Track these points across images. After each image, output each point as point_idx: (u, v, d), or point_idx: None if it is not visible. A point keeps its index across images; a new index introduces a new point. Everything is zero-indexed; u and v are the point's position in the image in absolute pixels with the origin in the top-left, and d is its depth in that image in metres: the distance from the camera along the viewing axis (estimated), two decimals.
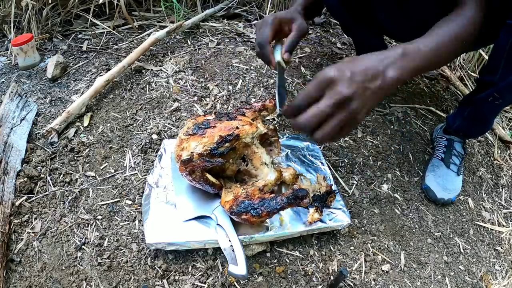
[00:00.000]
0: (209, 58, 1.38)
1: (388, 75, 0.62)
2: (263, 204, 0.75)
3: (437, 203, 1.05)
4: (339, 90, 0.58)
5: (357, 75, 0.59)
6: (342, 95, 0.57)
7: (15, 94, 1.16)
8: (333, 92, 0.58)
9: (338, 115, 0.59)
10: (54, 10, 1.50)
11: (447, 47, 0.72)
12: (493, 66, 0.85)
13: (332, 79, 0.58)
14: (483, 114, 0.97)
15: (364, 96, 0.59)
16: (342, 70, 0.59)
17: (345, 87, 0.58)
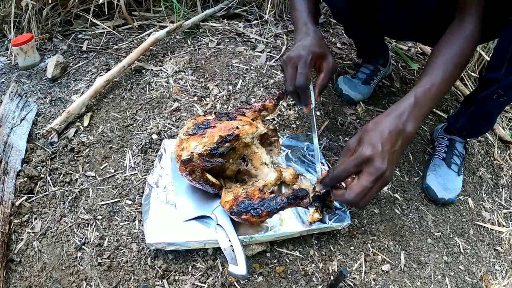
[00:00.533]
0: (209, 58, 1.38)
1: (408, 130, 0.69)
2: (263, 204, 0.75)
3: (438, 203, 1.05)
4: (377, 167, 0.65)
5: (386, 144, 0.67)
6: (380, 171, 0.65)
7: (15, 94, 1.16)
8: (372, 169, 0.65)
9: (377, 186, 0.66)
10: (54, 10, 1.50)
11: (451, 77, 0.77)
12: (496, 63, 0.85)
13: (370, 157, 0.65)
14: (487, 112, 0.97)
15: (393, 160, 0.68)
16: (375, 145, 0.66)
17: (380, 163, 0.65)
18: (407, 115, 0.70)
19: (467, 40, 0.78)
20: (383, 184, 0.67)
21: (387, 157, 0.66)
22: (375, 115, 1.25)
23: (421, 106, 0.72)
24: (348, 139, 1.15)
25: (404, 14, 0.95)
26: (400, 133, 0.69)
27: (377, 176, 0.65)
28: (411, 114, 0.70)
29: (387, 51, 1.34)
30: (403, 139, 0.69)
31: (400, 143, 0.69)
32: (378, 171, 0.65)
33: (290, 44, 1.51)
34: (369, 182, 0.65)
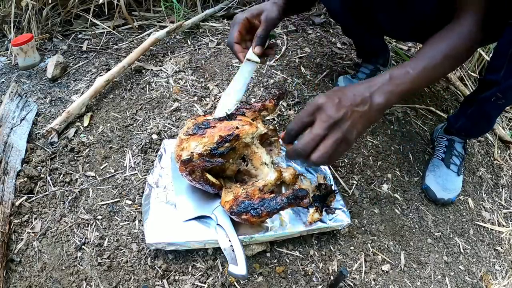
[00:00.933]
0: (209, 58, 1.38)
1: (375, 101, 0.67)
2: (263, 204, 0.75)
3: (437, 203, 1.05)
4: (328, 113, 0.63)
5: (345, 100, 0.64)
6: (332, 118, 0.63)
7: (15, 94, 1.16)
8: (324, 116, 0.63)
9: (331, 136, 0.63)
10: (54, 10, 1.50)
11: (439, 66, 0.74)
12: (495, 65, 0.85)
13: (321, 105, 0.64)
14: (486, 114, 0.97)
15: (353, 118, 0.64)
16: (330, 97, 0.64)
17: (333, 111, 0.63)
18: (377, 87, 0.67)
19: (461, 37, 0.76)
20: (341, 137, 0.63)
21: (343, 109, 0.63)
22: None
23: (396, 84, 0.69)
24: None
25: (402, 15, 0.95)
26: (365, 100, 0.66)
27: (330, 123, 0.62)
28: (382, 88, 0.68)
29: (387, 51, 1.34)
30: (369, 108, 0.66)
31: (363, 109, 0.65)
32: (330, 117, 0.62)
33: (290, 44, 1.52)
34: (321, 129, 0.62)
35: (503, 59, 0.83)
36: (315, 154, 0.64)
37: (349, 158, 1.10)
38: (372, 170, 1.09)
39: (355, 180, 1.05)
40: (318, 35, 1.62)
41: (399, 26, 1.02)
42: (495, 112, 0.97)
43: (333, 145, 0.63)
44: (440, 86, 1.47)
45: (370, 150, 1.14)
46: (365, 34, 1.19)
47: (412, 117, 1.28)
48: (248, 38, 0.92)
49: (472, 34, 0.77)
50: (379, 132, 1.20)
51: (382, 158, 1.12)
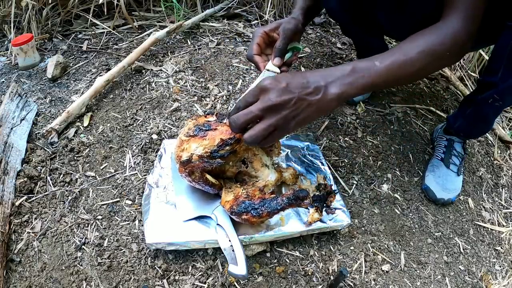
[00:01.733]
0: (209, 58, 1.38)
1: (330, 91, 0.64)
2: (263, 204, 0.75)
3: (437, 203, 1.05)
4: (269, 97, 0.62)
5: (293, 86, 0.63)
6: (271, 101, 0.62)
7: (15, 94, 1.16)
8: (264, 98, 0.63)
9: (265, 120, 0.63)
10: (54, 10, 1.50)
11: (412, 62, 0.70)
12: (493, 68, 0.85)
13: (266, 87, 0.63)
14: (484, 115, 0.97)
15: (298, 107, 0.63)
16: (278, 81, 0.63)
17: (275, 95, 0.62)
18: (335, 78, 0.65)
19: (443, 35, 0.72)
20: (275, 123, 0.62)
21: (287, 96, 0.61)
22: (375, 114, 1.25)
23: (357, 76, 0.66)
24: (348, 139, 1.15)
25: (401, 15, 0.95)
26: (318, 89, 0.63)
27: (267, 106, 0.61)
28: (341, 79, 0.65)
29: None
30: (321, 97, 0.63)
31: (314, 98, 0.63)
32: (269, 101, 0.61)
33: None
34: (257, 109, 0.62)
35: (500, 62, 0.82)
36: (247, 133, 0.65)
37: (349, 158, 1.10)
38: (372, 170, 1.09)
39: (355, 180, 1.05)
40: (318, 35, 1.62)
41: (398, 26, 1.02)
42: (493, 114, 0.97)
43: (266, 128, 0.63)
44: (440, 86, 1.47)
45: (370, 150, 1.14)
46: (365, 34, 1.19)
47: (412, 117, 1.28)
48: (268, 52, 0.92)
49: (457, 34, 0.72)
50: (379, 132, 1.20)
51: (382, 158, 1.12)
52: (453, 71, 1.57)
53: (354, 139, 1.16)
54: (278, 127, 0.64)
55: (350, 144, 1.14)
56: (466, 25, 0.73)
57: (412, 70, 0.71)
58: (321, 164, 1.00)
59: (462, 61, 1.59)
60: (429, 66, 0.74)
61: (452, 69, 1.58)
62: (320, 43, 1.56)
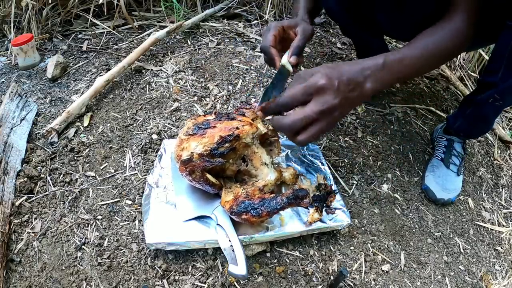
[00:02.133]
0: (209, 58, 1.38)
1: (366, 87, 0.65)
2: (263, 204, 0.75)
3: (437, 203, 1.05)
4: (328, 99, 0.60)
5: (342, 85, 0.62)
6: (331, 104, 0.60)
7: (15, 94, 1.16)
8: (322, 100, 0.61)
9: (322, 122, 0.62)
10: (54, 10, 1.50)
11: (430, 58, 0.74)
12: (493, 67, 0.85)
13: (322, 87, 0.61)
14: (484, 115, 0.97)
15: (345, 105, 0.63)
16: (331, 79, 0.61)
17: (333, 97, 0.61)
18: (370, 72, 0.66)
19: (452, 33, 0.76)
20: (330, 121, 0.62)
21: (340, 96, 0.61)
22: (375, 114, 1.25)
23: (388, 71, 0.68)
24: (348, 139, 1.15)
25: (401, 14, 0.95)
26: (358, 86, 0.64)
27: (325, 109, 0.60)
28: (374, 74, 0.66)
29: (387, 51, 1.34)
30: (359, 93, 0.64)
31: (354, 94, 0.64)
32: (327, 104, 0.60)
33: None
34: (314, 112, 0.61)
35: (500, 61, 0.83)
36: (302, 135, 0.62)
37: (349, 158, 1.10)
38: (372, 170, 1.09)
39: (355, 180, 1.05)
40: (318, 35, 1.62)
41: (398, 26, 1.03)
42: (493, 114, 0.97)
43: (320, 131, 0.62)
44: (440, 86, 1.47)
45: (370, 150, 1.14)
46: (364, 34, 1.19)
47: (412, 117, 1.28)
48: (279, 47, 0.89)
49: (461, 32, 0.76)
50: (379, 132, 1.20)
51: (382, 158, 1.12)
52: (453, 71, 1.57)
53: (354, 139, 1.16)
54: (328, 128, 0.63)
55: (350, 144, 1.14)
56: (469, 24, 0.76)
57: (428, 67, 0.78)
58: (321, 164, 1.00)
59: (462, 61, 1.59)
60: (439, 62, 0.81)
61: (452, 69, 1.58)
62: (320, 43, 1.56)
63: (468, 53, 1.56)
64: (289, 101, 0.64)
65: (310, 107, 0.61)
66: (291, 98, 0.63)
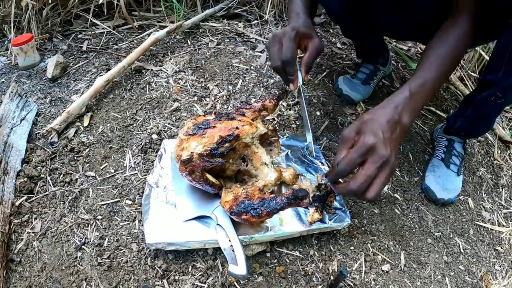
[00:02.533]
0: (209, 58, 1.38)
1: (404, 121, 0.70)
2: (263, 204, 0.75)
3: (437, 203, 1.05)
4: (381, 154, 0.65)
5: (386, 132, 0.67)
6: (384, 158, 0.65)
7: (15, 94, 1.16)
8: (376, 157, 0.65)
9: (383, 174, 0.65)
10: (54, 10, 1.50)
11: (447, 70, 0.79)
12: (495, 65, 0.85)
13: (373, 146, 0.65)
14: (485, 114, 0.97)
15: (395, 147, 0.68)
16: (377, 133, 0.66)
17: (384, 150, 0.65)
18: (402, 107, 0.71)
19: (460, 38, 0.79)
20: (389, 171, 0.66)
21: (389, 144, 0.66)
22: None
23: (416, 99, 0.73)
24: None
25: (402, 14, 0.95)
26: (397, 123, 0.69)
27: (381, 163, 0.65)
28: (406, 106, 0.71)
29: (387, 51, 1.34)
30: (400, 129, 0.70)
31: (397, 132, 0.69)
32: (382, 158, 0.64)
33: None
34: (373, 170, 0.65)
35: (502, 59, 0.83)
36: (370, 192, 0.65)
37: None
38: None
39: None
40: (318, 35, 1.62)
41: (399, 26, 1.02)
42: (494, 112, 0.97)
43: (386, 181, 0.66)
44: None
45: None
46: (365, 35, 1.19)
47: None
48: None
49: (469, 34, 0.80)
50: None
51: None
52: None
53: None
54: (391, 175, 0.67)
55: None
56: (473, 26, 0.80)
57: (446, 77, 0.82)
58: (321, 164, 1.00)
59: (462, 61, 1.58)
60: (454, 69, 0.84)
61: None
62: None
63: (468, 53, 1.56)
64: (348, 168, 0.67)
65: (369, 167, 0.65)
66: (349, 165, 0.67)
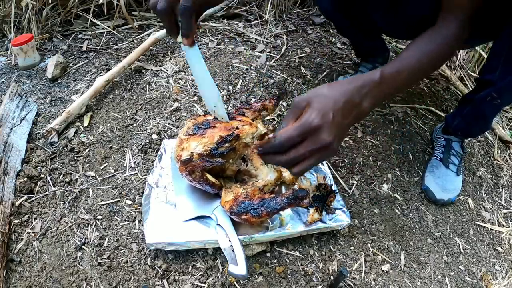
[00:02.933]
0: (209, 58, 1.38)
1: (364, 106, 0.64)
2: (263, 204, 0.75)
3: (437, 204, 1.05)
4: (322, 139, 0.59)
5: (338, 115, 0.60)
6: (324, 143, 0.59)
7: (15, 94, 1.16)
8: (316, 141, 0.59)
9: (316, 157, 0.61)
10: (54, 10, 1.50)
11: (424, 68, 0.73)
12: (492, 66, 0.85)
13: (316, 127, 0.59)
14: (482, 114, 0.97)
15: (342, 133, 0.62)
16: (326, 114, 0.60)
17: (327, 135, 0.59)
18: (367, 90, 0.64)
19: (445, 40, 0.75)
20: (324, 157, 0.62)
21: (335, 129, 0.60)
22: (375, 114, 1.25)
23: (385, 87, 0.66)
24: (348, 139, 1.15)
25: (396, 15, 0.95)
26: (356, 106, 0.63)
27: (320, 147, 0.60)
28: (372, 91, 0.64)
29: (386, 50, 1.34)
30: (357, 113, 0.64)
31: (352, 116, 0.63)
32: (322, 143, 0.59)
33: (290, 44, 1.52)
34: (309, 151, 0.60)
35: (498, 60, 0.83)
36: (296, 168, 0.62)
37: (349, 158, 1.10)
38: (372, 170, 1.09)
39: (355, 180, 1.05)
40: (318, 35, 1.62)
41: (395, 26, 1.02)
42: (490, 113, 0.97)
43: (315, 163, 0.62)
44: (440, 86, 1.47)
45: (370, 150, 1.14)
46: (360, 33, 1.19)
47: (412, 117, 1.28)
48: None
49: (455, 37, 0.75)
50: (379, 132, 1.20)
51: (382, 158, 1.12)
52: (453, 71, 1.57)
53: (354, 139, 1.16)
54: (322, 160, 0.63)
55: (350, 144, 1.14)
56: (463, 27, 0.75)
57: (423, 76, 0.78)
58: (321, 164, 1.00)
59: (462, 61, 1.58)
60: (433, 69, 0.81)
61: (452, 69, 1.58)
62: (320, 43, 1.56)
63: (468, 53, 1.56)
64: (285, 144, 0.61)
65: (305, 146, 0.60)
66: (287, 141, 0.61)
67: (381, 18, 1.00)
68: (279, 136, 0.61)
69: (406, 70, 0.69)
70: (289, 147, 0.62)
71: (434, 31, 0.75)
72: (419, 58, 0.71)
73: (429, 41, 0.74)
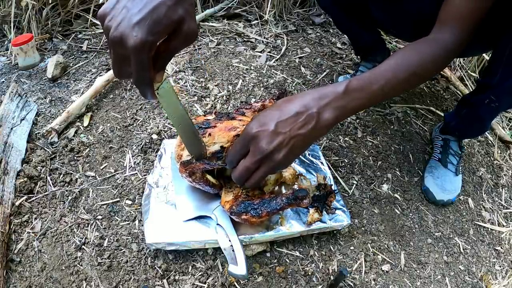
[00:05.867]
0: (209, 58, 1.38)
1: (324, 117, 0.60)
2: (263, 204, 0.75)
3: (437, 205, 1.05)
4: (260, 146, 0.59)
5: (283, 125, 0.59)
6: (264, 151, 0.59)
7: (15, 94, 1.16)
8: (255, 150, 0.60)
9: (263, 168, 0.61)
10: (54, 10, 1.50)
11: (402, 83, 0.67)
12: (492, 69, 0.85)
13: (254, 136, 0.59)
14: (479, 116, 0.97)
15: (291, 144, 0.60)
16: (265, 125, 0.59)
17: (265, 143, 0.58)
18: (328, 100, 0.60)
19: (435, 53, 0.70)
20: (273, 166, 0.60)
21: (278, 139, 0.58)
22: (375, 114, 1.25)
23: (351, 98, 0.62)
24: (348, 139, 1.15)
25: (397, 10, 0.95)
26: (312, 117, 0.59)
27: (260, 158, 0.59)
28: (334, 102, 0.61)
29: (385, 49, 1.34)
30: (315, 125, 0.60)
31: (309, 128, 0.59)
32: (261, 152, 0.58)
33: (290, 44, 1.52)
34: (252, 163, 0.60)
35: (499, 63, 0.83)
36: (248, 182, 0.64)
37: (349, 158, 1.10)
38: (372, 170, 1.09)
39: (355, 180, 1.05)
40: (318, 35, 1.62)
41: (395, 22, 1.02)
42: (488, 116, 0.96)
43: (264, 175, 0.63)
44: (440, 86, 1.47)
45: (370, 150, 1.14)
46: (357, 27, 1.18)
47: (412, 117, 1.28)
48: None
49: (448, 49, 0.72)
50: (379, 132, 1.20)
51: (382, 158, 1.12)
52: (453, 71, 1.57)
53: (354, 139, 1.16)
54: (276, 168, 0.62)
55: (350, 144, 1.14)
56: (458, 39, 0.72)
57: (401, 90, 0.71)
58: (321, 164, 1.00)
59: (462, 61, 1.59)
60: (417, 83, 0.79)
61: (452, 69, 1.58)
62: (320, 43, 1.56)
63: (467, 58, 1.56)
64: (233, 158, 0.63)
65: (248, 159, 0.61)
66: (233, 154, 0.63)
67: (381, 13, 1.00)
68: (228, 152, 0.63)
69: (378, 82, 0.64)
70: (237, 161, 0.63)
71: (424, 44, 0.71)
72: (396, 70, 0.66)
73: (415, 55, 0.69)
